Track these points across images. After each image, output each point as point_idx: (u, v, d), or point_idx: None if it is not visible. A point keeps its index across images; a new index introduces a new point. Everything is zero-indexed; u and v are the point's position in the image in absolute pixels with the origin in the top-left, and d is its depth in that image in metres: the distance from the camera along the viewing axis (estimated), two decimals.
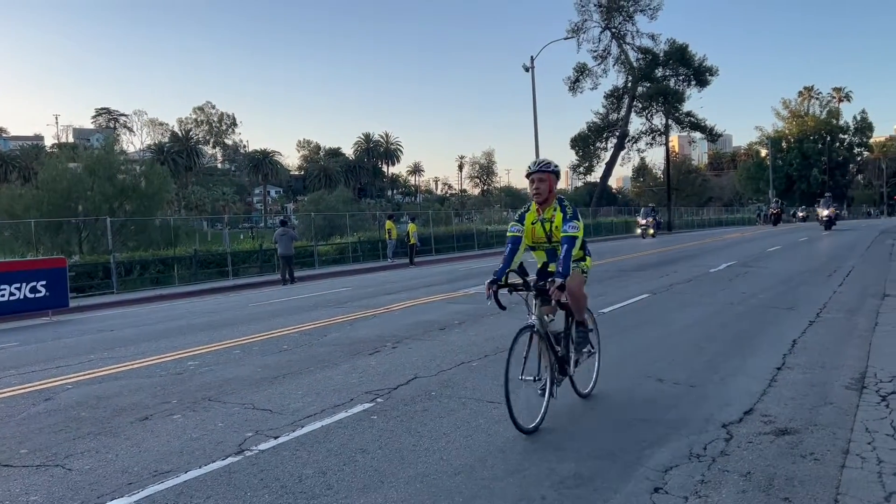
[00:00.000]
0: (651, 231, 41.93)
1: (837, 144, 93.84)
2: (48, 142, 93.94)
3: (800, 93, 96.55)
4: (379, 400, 6.00)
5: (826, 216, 40.15)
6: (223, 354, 8.51)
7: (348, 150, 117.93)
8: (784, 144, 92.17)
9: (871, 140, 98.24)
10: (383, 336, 9.19)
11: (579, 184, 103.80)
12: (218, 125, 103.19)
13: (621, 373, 6.69)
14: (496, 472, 4.29)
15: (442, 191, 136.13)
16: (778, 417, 5.17)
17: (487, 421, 5.30)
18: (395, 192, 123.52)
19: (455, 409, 5.63)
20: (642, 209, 47.17)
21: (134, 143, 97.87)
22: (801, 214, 66.88)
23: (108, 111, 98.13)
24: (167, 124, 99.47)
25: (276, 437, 5.09)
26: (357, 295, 15.12)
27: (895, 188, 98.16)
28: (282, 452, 4.77)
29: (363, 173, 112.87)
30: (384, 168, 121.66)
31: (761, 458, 4.37)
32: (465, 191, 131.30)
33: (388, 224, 29.18)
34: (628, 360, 7.19)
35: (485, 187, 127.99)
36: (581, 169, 75.67)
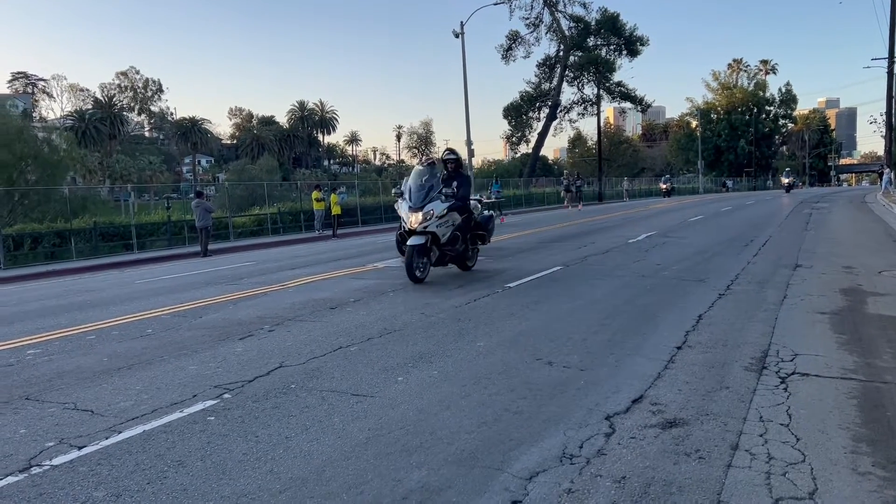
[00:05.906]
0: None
1: (764, 116, 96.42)
2: None
3: (729, 65, 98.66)
4: (227, 395, 5.20)
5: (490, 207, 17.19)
6: (74, 340, 7.49)
7: (282, 119, 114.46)
8: (714, 116, 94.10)
9: (795, 112, 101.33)
10: (264, 317, 8.31)
11: (517, 155, 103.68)
12: (143, 91, 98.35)
13: (510, 354, 6.06)
14: (331, 488, 3.58)
15: (380, 161, 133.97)
16: (669, 406, 4.64)
17: (343, 419, 4.58)
18: (331, 161, 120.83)
19: (311, 406, 4.89)
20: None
21: (54, 109, 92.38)
22: (664, 186, 57.16)
23: (24, 75, 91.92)
24: (89, 90, 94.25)
25: (80, 448, 4.23)
26: (258, 270, 14.11)
27: (817, 159, 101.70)
28: (78, 468, 3.94)
29: (298, 142, 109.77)
30: (320, 137, 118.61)
31: (641, 458, 3.81)
32: (403, 161, 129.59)
33: (315, 194, 28.04)
34: (522, 340, 6.58)
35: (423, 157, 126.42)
36: (514, 139, 75.24)
